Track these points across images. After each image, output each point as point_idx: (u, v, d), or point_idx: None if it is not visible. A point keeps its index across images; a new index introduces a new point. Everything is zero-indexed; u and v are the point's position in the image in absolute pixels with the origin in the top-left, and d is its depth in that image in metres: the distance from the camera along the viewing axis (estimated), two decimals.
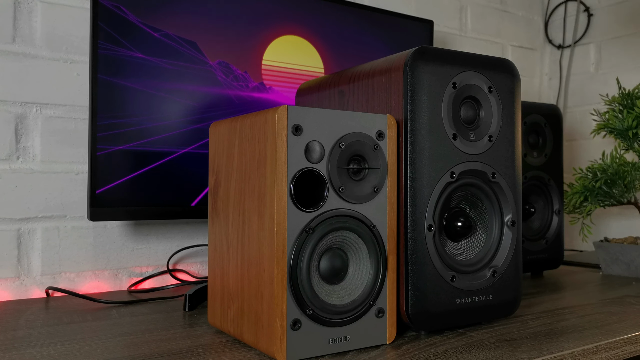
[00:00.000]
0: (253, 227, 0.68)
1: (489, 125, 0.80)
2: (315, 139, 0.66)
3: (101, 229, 1.11)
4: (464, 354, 0.69)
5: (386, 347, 0.71)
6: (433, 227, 0.74)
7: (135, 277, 1.14)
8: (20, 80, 1.05)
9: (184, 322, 0.85)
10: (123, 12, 0.96)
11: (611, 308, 0.93)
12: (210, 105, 1.04)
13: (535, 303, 0.97)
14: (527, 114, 1.21)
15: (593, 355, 0.72)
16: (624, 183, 1.24)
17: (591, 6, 1.76)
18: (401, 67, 0.75)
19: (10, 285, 1.04)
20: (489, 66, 0.80)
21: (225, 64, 1.05)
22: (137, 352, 0.69)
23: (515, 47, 1.82)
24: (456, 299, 0.76)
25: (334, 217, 0.67)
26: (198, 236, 1.21)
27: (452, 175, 0.76)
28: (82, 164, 1.09)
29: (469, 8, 1.70)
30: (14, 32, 1.05)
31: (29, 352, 0.69)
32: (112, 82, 0.96)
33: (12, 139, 1.04)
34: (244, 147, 0.71)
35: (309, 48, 1.16)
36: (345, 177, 0.68)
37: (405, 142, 0.74)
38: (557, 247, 1.25)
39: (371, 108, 0.80)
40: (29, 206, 1.05)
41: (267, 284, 0.65)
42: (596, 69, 1.75)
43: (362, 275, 0.70)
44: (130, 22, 0.97)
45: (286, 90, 1.13)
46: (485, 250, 0.80)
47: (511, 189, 0.81)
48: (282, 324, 0.64)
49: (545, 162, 1.23)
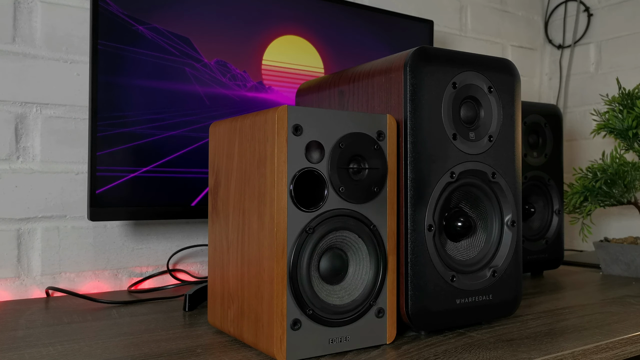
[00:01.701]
0: (253, 227, 0.68)
1: (489, 125, 0.80)
2: (316, 139, 0.66)
3: (101, 229, 1.11)
4: (464, 354, 0.69)
5: (386, 347, 0.71)
6: (433, 227, 0.74)
7: (135, 277, 1.14)
8: (20, 80, 1.05)
9: (184, 322, 0.85)
10: (119, 12, 0.96)
11: (611, 308, 0.93)
12: (209, 105, 1.04)
13: (535, 303, 0.97)
14: (527, 114, 1.21)
15: (593, 355, 0.72)
16: (624, 183, 1.24)
17: (591, 6, 1.76)
18: (401, 67, 0.75)
19: (10, 285, 1.04)
20: (489, 66, 0.80)
21: (223, 62, 1.05)
22: (137, 352, 0.69)
23: (515, 47, 1.82)
24: (456, 299, 0.76)
25: (334, 217, 0.67)
26: (198, 236, 1.21)
27: (452, 175, 0.76)
28: (82, 164, 1.09)
29: (469, 8, 1.70)
30: (14, 32, 1.05)
31: (29, 352, 0.69)
32: (112, 81, 0.96)
33: (12, 139, 1.04)
34: (244, 147, 0.71)
35: (309, 48, 1.16)
36: (345, 177, 0.68)
37: (405, 142, 0.74)
38: (557, 247, 1.25)
39: (371, 108, 0.80)
40: (29, 206, 1.05)
41: (267, 284, 0.65)
42: (596, 69, 1.75)
43: (362, 275, 0.70)
44: (124, 20, 0.97)
45: (286, 90, 1.13)
46: (485, 250, 0.80)
47: (511, 189, 0.81)
48: (282, 324, 0.64)
49: (545, 162, 1.23)
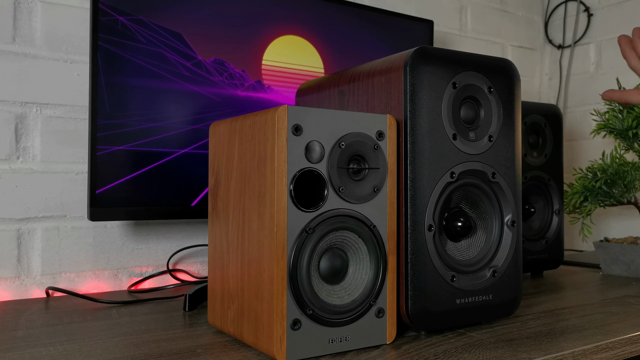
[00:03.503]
0: (253, 227, 0.68)
1: (489, 125, 0.80)
2: (315, 139, 0.66)
3: (101, 229, 1.11)
4: (464, 354, 0.69)
5: (386, 347, 0.71)
6: (433, 227, 0.74)
7: (135, 277, 1.14)
8: (20, 80, 1.05)
9: (184, 322, 0.85)
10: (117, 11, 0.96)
11: (611, 308, 0.93)
12: (209, 104, 1.04)
13: (535, 303, 0.97)
14: (527, 114, 1.21)
15: (593, 355, 0.72)
16: (624, 183, 1.24)
17: (591, 6, 1.76)
18: (401, 67, 0.75)
19: (10, 285, 1.04)
20: (489, 66, 0.80)
21: (221, 61, 1.05)
22: (137, 352, 0.69)
23: (515, 47, 1.82)
24: (456, 299, 0.76)
25: (334, 217, 0.67)
26: (198, 236, 1.21)
27: (452, 175, 0.76)
28: (82, 164, 1.09)
29: (469, 8, 1.70)
30: (14, 32, 1.05)
31: (29, 352, 0.69)
32: (111, 81, 0.95)
33: (12, 139, 1.04)
34: (244, 147, 0.71)
35: (309, 48, 1.16)
36: (345, 177, 0.68)
37: (405, 142, 0.74)
38: (557, 247, 1.25)
39: (371, 108, 0.80)
40: (29, 206, 1.05)
41: (267, 284, 0.65)
42: (596, 69, 1.75)
43: (362, 275, 0.70)
44: (121, 20, 0.97)
45: (286, 90, 1.13)
46: (485, 250, 0.80)
47: (511, 189, 0.81)
48: (282, 324, 0.64)
49: (545, 162, 1.23)
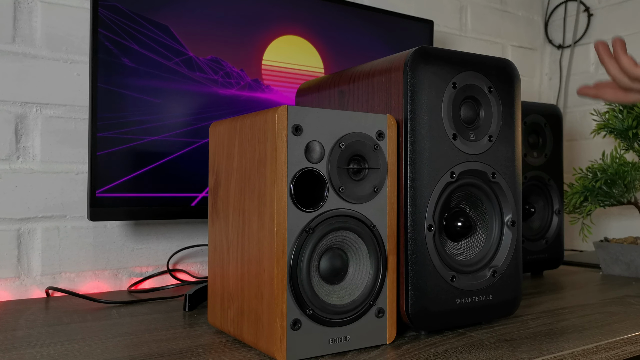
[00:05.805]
0: (253, 227, 0.68)
1: (489, 125, 0.80)
2: (315, 139, 0.66)
3: (101, 229, 1.11)
4: (464, 354, 0.69)
5: (386, 347, 0.71)
6: (433, 227, 0.74)
7: (135, 277, 1.14)
8: (20, 80, 1.05)
9: (184, 322, 0.85)
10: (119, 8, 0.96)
11: (611, 308, 0.93)
12: (210, 104, 1.04)
13: (535, 303, 0.97)
14: (527, 114, 1.21)
15: (593, 355, 0.72)
16: (624, 183, 1.24)
17: (591, 6, 1.76)
18: (401, 67, 0.75)
19: (10, 285, 1.04)
20: (489, 66, 0.80)
21: (218, 60, 1.05)
22: (137, 352, 0.69)
23: (515, 47, 1.82)
24: (456, 299, 0.76)
25: (334, 217, 0.67)
26: (198, 236, 1.21)
27: (452, 175, 0.76)
28: (82, 164, 1.09)
29: (469, 8, 1.70)
30: (14, 32, 1.05)
31: (29, 352, 0.69)
32: (111, 81, 0.95)
33: (12, 139, 1.04)
34: (244, 147, 0.71)
35: (309, 48, 1.16)
36: (345, 177, 0.68)
37: (405, 142, 0.74)
38: (557, 247, 1.25)
39: (371, 108, 0.80)
40: (29, 206, 1.05)
41: (267, 283, 0.65)
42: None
43: (362, 275, 0.70)
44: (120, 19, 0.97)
45: (286, 90, 1.13)
46: (485, 250, 0.80)
47: (511, 189, 0.81)
48: (282, 324, 0.64)
49: (545, 162, 1.23)
